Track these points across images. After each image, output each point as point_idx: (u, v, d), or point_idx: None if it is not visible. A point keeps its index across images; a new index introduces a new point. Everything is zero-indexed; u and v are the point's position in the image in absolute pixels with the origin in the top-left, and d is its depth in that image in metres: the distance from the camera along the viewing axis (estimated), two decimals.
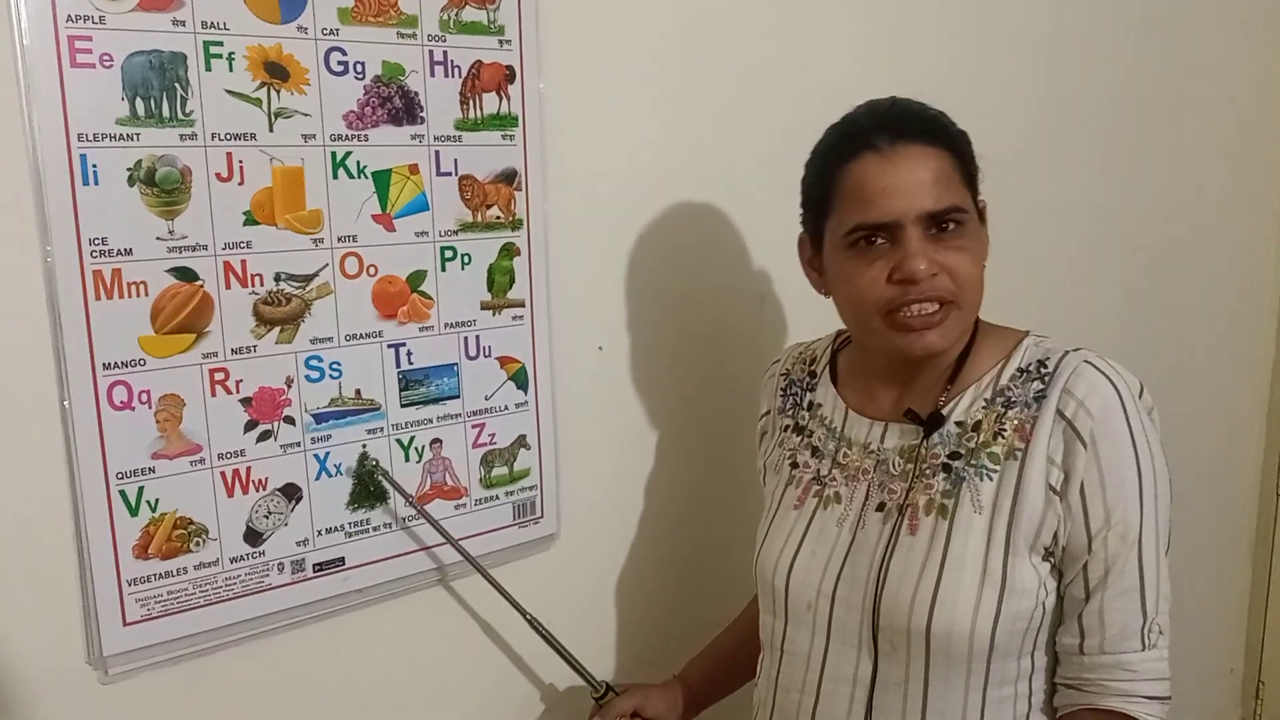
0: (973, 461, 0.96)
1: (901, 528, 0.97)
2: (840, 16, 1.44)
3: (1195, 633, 2.27)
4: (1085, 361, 0.95)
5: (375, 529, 1.10)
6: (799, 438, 1.11)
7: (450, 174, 1.10)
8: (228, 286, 0.98)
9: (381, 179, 1.05)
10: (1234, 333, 2.28)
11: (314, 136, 1.01)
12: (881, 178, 0.94)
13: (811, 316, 1.46)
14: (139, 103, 0.91)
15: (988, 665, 0.94)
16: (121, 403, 0.94)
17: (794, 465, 1.09)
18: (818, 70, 1.42)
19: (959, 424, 0.98)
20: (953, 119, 0.99)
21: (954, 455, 0.97)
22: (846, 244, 0.97)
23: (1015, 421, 0.96)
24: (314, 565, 1.07)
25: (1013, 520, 0.93)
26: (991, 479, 0.95)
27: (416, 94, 1.06)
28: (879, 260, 0.95)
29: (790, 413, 1.14)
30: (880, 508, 1.00)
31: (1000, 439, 0.96)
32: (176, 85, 0.93)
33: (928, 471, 0.98)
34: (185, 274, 0.95)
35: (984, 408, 0.98)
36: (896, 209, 0.93)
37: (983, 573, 0.93)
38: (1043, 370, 0.97)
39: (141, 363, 0.94)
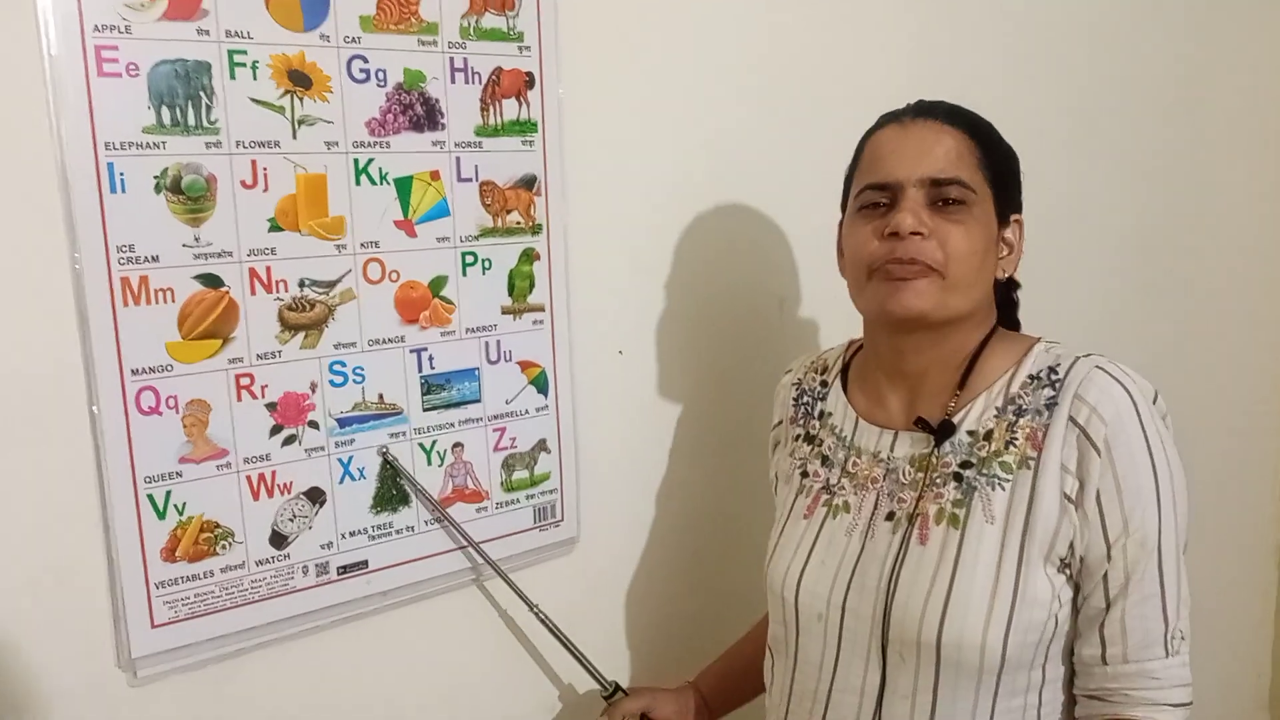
0: (984, 471, 0.95)
1: (911, 537, 0.96)
2: (858, 21, 1.45)
3: (1219, 640, 2.25)
4: (1097, 367, 0.94)
5: (398, 532, 1.11)
6: (810, 447, 1.10)
7: (471, 180, 1.11)
8: (253, 292, 0.99)
9: (403, 185, 1.06)
10: (1255, 338, 2.27)
11: (337, 143, 1.02)
12: (893, 143, 0.98)
13: (830, 320, 1.47)
14: (165, 111, 0.92)
15: (998, 677, 0.93)
16: (149, 408, 0.95)
17: (804, 474, 1.09)
18: (835, 75, 1.42)
19: (970, 433, 0.97)
20: (1001, 135, 1.01)
21: (965, 464, 0.97)
22: (856, 207, 1.00)
23: (1027, 430, 0.95)
24: (338, 568, 1.08)
25: (1026, 530, 0.92)
26: (1004, 488, 0.94)
27: (437, 101, 1.07)
28: (878, 220, 0.97)
29: (801, 422, 1.13)
30: (890, 517, 0.99)
31: (1012, 448, 0.95)
32: (201, 93, 0.94)
33: (938, 480, 0.97)
34: (211, 280, 0.96)
35: (995, 416, 0.97)
36: (900, 171, 0.96)
37: (994, 583, 0.92)
38: (1054, 377, 0.96)
39: (169, 368, 0.95)
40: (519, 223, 1.15)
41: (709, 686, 1.24)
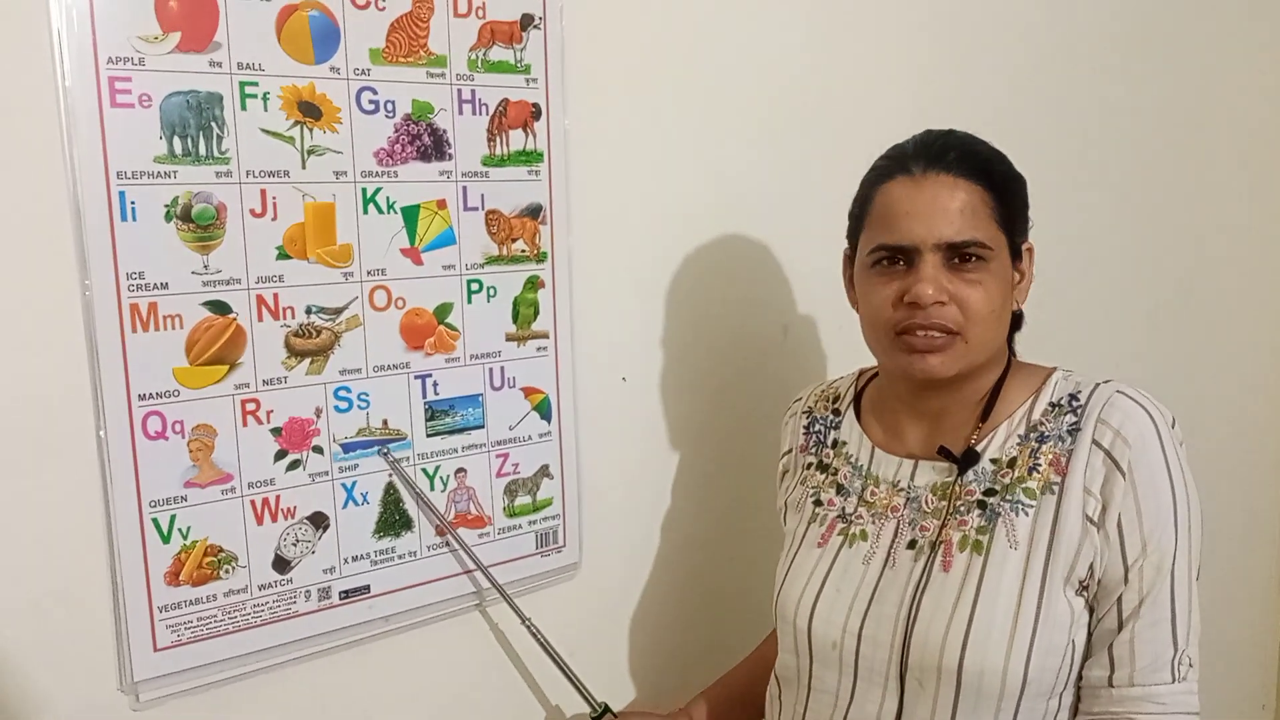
0: (1008, 497, 0.96)
1: (934, 565, 0.97)
2: (865, 49, 1.46)
3: (1226, 668, 2.24)
4: (1118, 392, 0.96)
5: (400, 557, 1.12)
6: (823, 475, 1.11)
7: (477, 209, 1.12)
8: (260, 319, 1.00)
9: (410, 214, 1.08)
10: (1260, 364, 2.27)
11: (345, 173, 1.03)
12: (907, 201, 0.96)
13: (836, 347, 1.47)
14: (176, 141, 0.94)
15: (1018, 704, 0.93)
16: (156, 433, 0.96)
17: (817, 503, 1.09)
18: (840, 104, 1.43)
19: (994, 461, 0.98)
20: (1010, 161, 1.00)
21: (989, 492, 0.97)
22: (869, 263, 1.00)
23: (1050, 455, 0.96)
24: (340, 593, 1.08)
25: (1050, 554, 0.93)
26: (1028, 514, 0.95)
27: (445, 131, 1.08)
28: (895, 282, 0.97)
29: (814, 450, 1.14)
30: (912, 545, 1.00)
31: (1035, 473, 0.96)
32: (213, 124, 0.95)
33: (962, 508, 0.98)
34: (219, 307, 0.98)
35: (1018, 444, 0.98)
36: (916, 234, 0.95)
37: (1017, 609, 0.92)
38: (1075, 403, 0.97)
39: (176, 393, 0.96)
40: (524, 251, 1.16)
41: (704, 712, 1.24)
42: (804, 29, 1.39)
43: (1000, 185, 0.98)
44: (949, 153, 0.97)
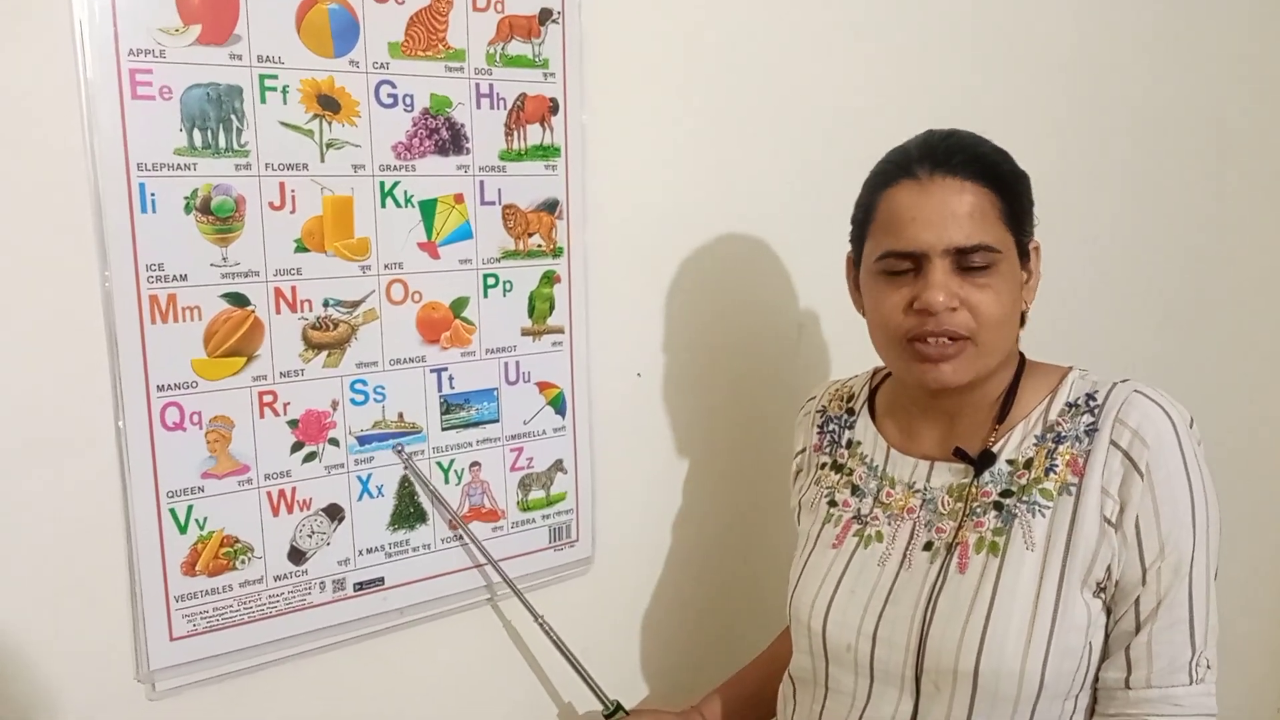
0: (1025, 498, 0.95)
1: (950, 566, 0.96)
2: (878, 51, 1.46)
3: (1240, 669, 2.23)
4: (1136, 391, 0.95)
5: (415, 550, 1.12)
6: (838, 475, 1.10)
7: (494, 203, 1.12)
8: (278, 312, 1.00)
9: (428, 208, 1.08)
10: (1276, 364, 2.25)
11: (363, 167, 1.03)
12: (914, 207, 0.95)
13: (850, 346, 1.47)
14: (196, 133, 0.94)
15: (1034, 706, 0.92)
16: (174, 424, 0.96)
17: (832, 503, 1.09)
18: (856, 104, 1.43)
19: (1010, 461, 0.98)
20: (1014, 159, 0.99)
21: (1006, 493, 0.97)
22: (877, 269, 0.99)
23: (1067, 456, 0.95)
24: (354, 584, 1.09)
25: (1067, 555, 0.92)
26: (1044, 515, 0.94)
27: (463, 125, 1.08)
28: (904, 288, 0.96)
29: (828, 450, 1.13)
30: (928, 546, 0.99)
31: (1052, 474, 0.95)
32: (232, 117, 0.96)
33: (978, 510, 0.97)
34: (238, 299, 0.98)
35: (1035, 444, 0.97)
36: (924, 240, 0.94)
37: (1034, 610, 0.92)
38: (1092, 403, 0.96)
39: (194, 385, 0.97)
40: (540, 245, 1.16)
41: (717, 710, 1.23)
42: (821, 26, 1.38)
43: (1007, 186, 0.96)
44: (954, 155, 0.95)
